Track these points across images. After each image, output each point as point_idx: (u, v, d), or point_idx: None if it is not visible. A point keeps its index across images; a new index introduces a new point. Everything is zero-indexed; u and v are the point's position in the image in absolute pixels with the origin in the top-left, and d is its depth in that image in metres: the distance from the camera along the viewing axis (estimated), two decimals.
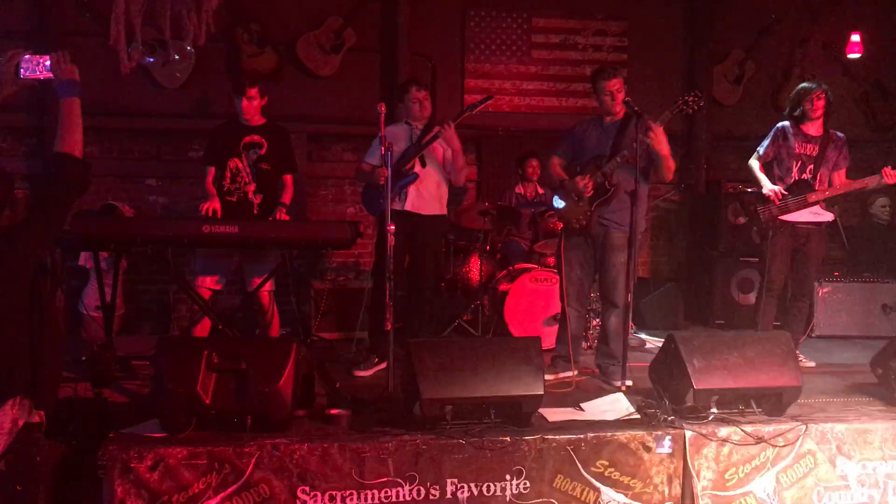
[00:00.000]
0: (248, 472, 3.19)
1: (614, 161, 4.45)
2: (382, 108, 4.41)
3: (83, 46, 5.96)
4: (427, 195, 4.89)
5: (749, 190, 5.84)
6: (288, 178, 4.85)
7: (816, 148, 5.05)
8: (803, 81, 5.33)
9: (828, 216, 5.10)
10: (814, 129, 5.08)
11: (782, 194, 5.03)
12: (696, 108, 4.44)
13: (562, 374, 4.54)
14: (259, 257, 4.68)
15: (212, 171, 4.79)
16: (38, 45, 5.92)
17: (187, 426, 3.30)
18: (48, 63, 2.86)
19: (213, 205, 4.64)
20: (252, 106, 4.70)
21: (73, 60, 2.89)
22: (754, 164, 5.22)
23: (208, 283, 4.63)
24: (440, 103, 6.88)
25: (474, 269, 5.96)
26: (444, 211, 5.04)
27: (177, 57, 6.30)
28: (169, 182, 6.65)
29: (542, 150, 6.54)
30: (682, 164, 7.46)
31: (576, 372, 4.62)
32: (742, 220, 5.39)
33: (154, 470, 3.14)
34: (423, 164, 4.84)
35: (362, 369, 4.73)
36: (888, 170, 4.88)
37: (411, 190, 4.82)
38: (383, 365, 4.41)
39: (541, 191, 6.59)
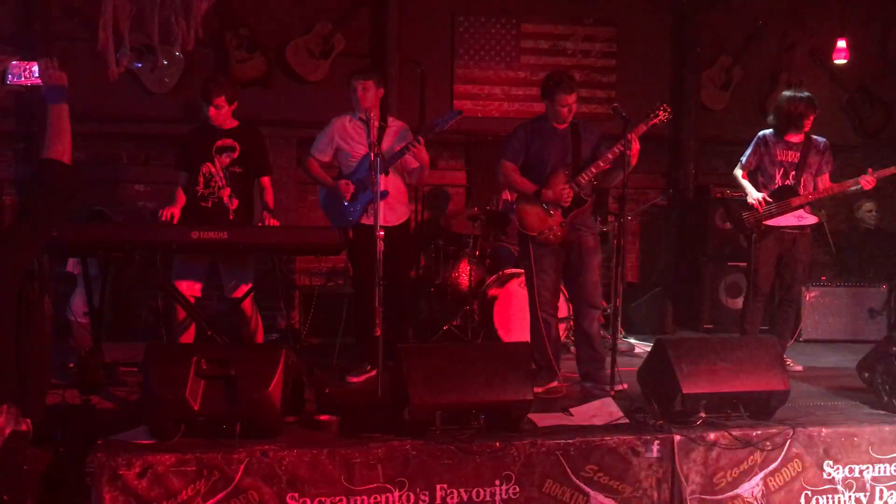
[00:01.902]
0: (236, 479, 3.19)
1: (589, 170, 4.45)
2: (373, 113, 4.41)
3: (71, 52, 5.94)
4: (395, 204, 4.86)
5: (734, 196, 5.87)
6: (265, 180, 4.81)
7: (798, 154, 5.11)
8: (790, 88, 5.37)
9: (812, 219, 5.15)
10: (795, 136, 5.14)
11: (766, 201, 5.09)
12: (666, 119, 4.45)
13: (548, 385, 4.50)
14: (236, 263, 4.66)
15: (183, 177, 4.76)
16: (25, 51, 5.89)
17: (176, 433, 3.29)
18: (36, 69, 2.85)
19: (172, 210, 4.58)
20: (221, 113, 4.64)
21: (61, 66, 2.88)
22: (738, 173, 5.29)
23: (185, 289, 4.59)
24: (429, 109, 6.90)
25: (463, 274, 5.97)
26: (408, 214, 5.03)
27: (165, 62, 6.29)
28: (157, 188, 6.61)
29: None
30: (669, 169, 7.51)
31: (558, 382, 4.57)
32: (730, 224, 5.43)
33: (142, 477, 3.13)
34: (386, 174, 4.74)
35: (355, 375, 4.73)
36: (867, 176, 4.92)
37: (380, 203, 4.76)
38: (374, 372, 4.41)
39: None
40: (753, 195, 5.14)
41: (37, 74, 2.85)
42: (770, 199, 5.10)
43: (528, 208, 4.57)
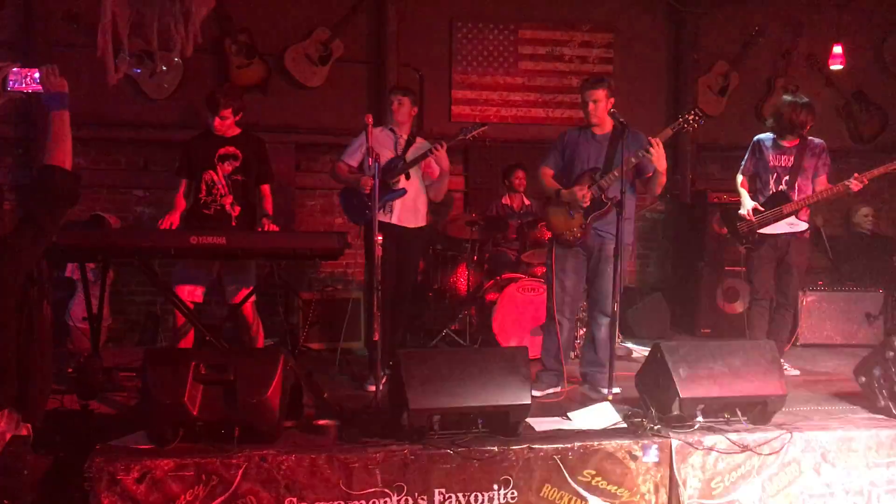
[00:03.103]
0: (235, 484, 3.19)
1: (611, 175, 4.44)
2: (370, 120, 4.43)
3: (70, 58, 5.95)
4: (413, 208, 4.93)
5: (730, 203, 5.91)
6: (265, 188, 4.84)
7: (792, 158, 5.12)
8: (789, 93, 5.38)
9: (803, 226, 5.16)
10: (791, 140, 5.15)
11: (757, 210, 5.12)
12: (696, 126, 4.48)
13: (549, 390, 4.52)
14: (238, 268, 4.67)
15: (184, 183, 4.78)
16: (25, 57, 5.92)
17: (174, 438, 3.30)
18: (37, 76, 2.86)
19: (172, 219, 4.61)
20: (225, 124, 4.69)
21: (61, 73, 2.90)
22: (739, 179, 5.35)
23: (186, 295, 4.61)
24: (427, 114, 6.93)
25: (462, 279, 5.99)
26: (425, 222, 5.08)
27: (164, 68, 6.32)
28: (156, 193, 6.64)
29: (528, 160, 6.58)
30: (667, 174, 7.52)
31: (563, 387, 4.59)
32: (726, 230, 5.47)
33: (141, 482, 3.14)
34: (408, 177, 4.88)
35: (374, 383, 4.64)
36: (855, 180, 4.93)
37: (397, 203, 4.86)
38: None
39: (527, 202, 6.63)
40: (746, 206, 5.18)
41: (38, 81, 2.86)
42: (762, 209, 5.13)
43: (551, 209, 4.67)
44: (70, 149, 2.85)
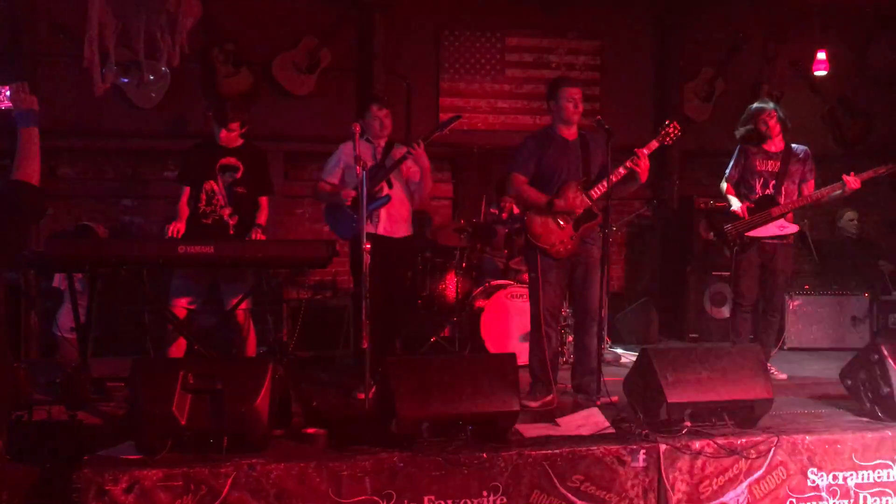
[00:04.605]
0: (224, 493, 3.19)
1: (602, 185, 4.43)
2: (357, 128, 4.45)
3: (57, 68, 5.95)
4: (398, 217, 4.90)
5: (717, 207, 5.95)
6: (263, 199, 4.85)
7: (778, 163, 5.18)
8: (758, 101, 5.45)
9: (793, 228, 5.21)
10: (774, 145, 5.21)
11: (748, 209, 5.15)
12: (674, 137, 4.51)
13: (544, 399, 4.47)
14: (235, 277, 4.67)
15: (187, 190, 4.79)
16: (11, 68, 5.89)
17: (163, 448, 3.28)
18: (8, 93, 2.88)
19: (179, 226, 4.62)
20: (231, 136, 4.72)
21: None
22: (724, 186, 5.38)
23: (184, 304, 4.62)
24: (415, 122, 6.95)
25: (451, 286, 6.00)
26: (410, 232, 5.04)
27: (151, 77, 6.30)
28: (144, 202, 6.63)
29: None
30: (654, 180, 7.56)
31: (555, 395, 4.56)
32: (713, 235, 5.51)
33: (129, 492, 3.13)
34: (390, 186, 4.83)
35: (361, 391, 4.65)
36: (848, 177, 4.98)
37: (382, 213, 4.82)
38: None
39: (516, 210, 6.63)
40: (736, 204, 5.21)
41: (9, 98, 2.88)
42: (751, 205, 5.17)
43: (538, 220, 4.53)
44: (38, 165, 2.86)
